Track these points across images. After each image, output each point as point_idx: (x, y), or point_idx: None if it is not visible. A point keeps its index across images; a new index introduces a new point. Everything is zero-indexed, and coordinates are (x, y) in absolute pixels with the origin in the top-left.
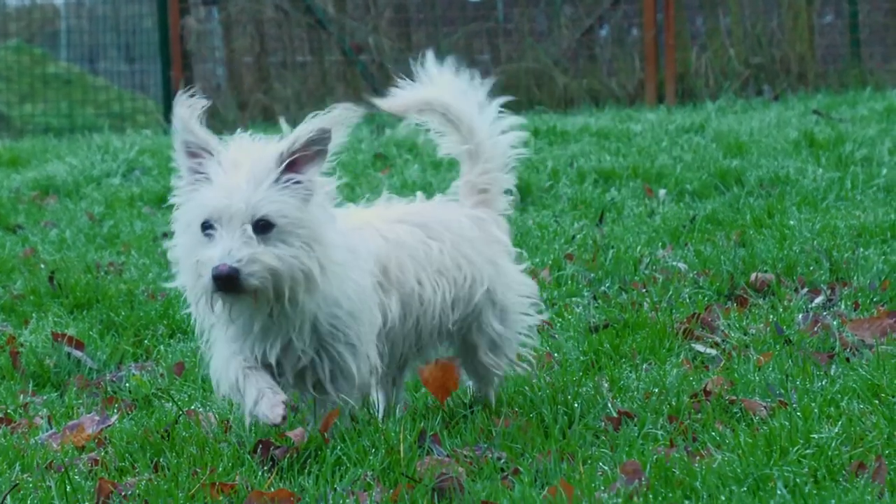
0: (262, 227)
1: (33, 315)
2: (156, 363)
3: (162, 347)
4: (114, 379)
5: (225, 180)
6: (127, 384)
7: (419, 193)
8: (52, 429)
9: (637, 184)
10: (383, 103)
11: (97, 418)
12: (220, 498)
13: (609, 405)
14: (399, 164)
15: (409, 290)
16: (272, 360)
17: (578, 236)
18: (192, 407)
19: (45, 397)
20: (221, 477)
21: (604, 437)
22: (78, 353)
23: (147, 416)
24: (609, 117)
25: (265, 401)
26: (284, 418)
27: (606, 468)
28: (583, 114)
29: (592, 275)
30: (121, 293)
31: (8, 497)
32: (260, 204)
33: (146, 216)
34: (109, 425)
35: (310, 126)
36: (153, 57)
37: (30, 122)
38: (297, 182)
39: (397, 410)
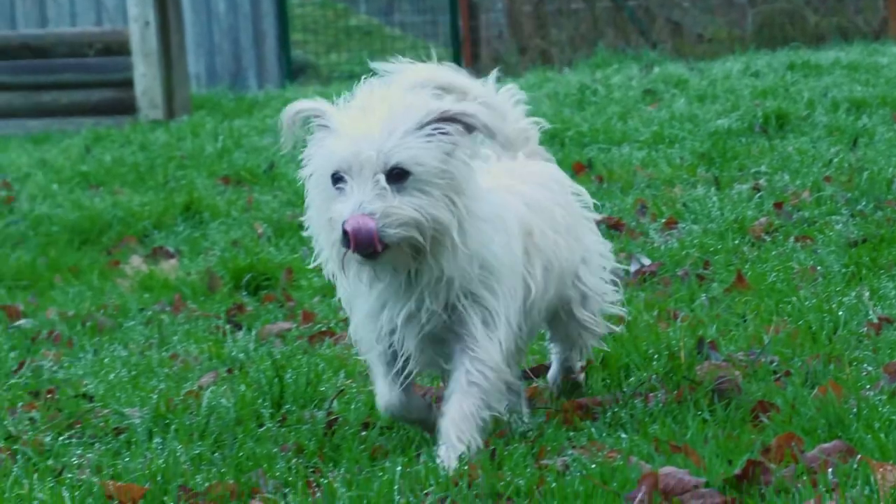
0: (397, 176)
1: None
2: None
3: None
4: None
5: (354, 128)
6: None
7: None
8: None
9: (886, 111)
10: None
11: None
12: None
13: (870, 312)
14: (667, 98)
15: (549, 258)
16: (398, 325)
17: (835, 160)
18: None
19: None
20: None
21: (867, 341)
22: None
23: None
24: (857, 51)
25: (379, 399)
26: (393, 416)
27: (870, 369)
28: (833, 49)
29: (849, 195)
30: None
31: (335, 401)
32: (393, 151)
33: None
34: None
35: (486, 118)
36: (443, 8)
37: (336, 70)
38: (443, 133)
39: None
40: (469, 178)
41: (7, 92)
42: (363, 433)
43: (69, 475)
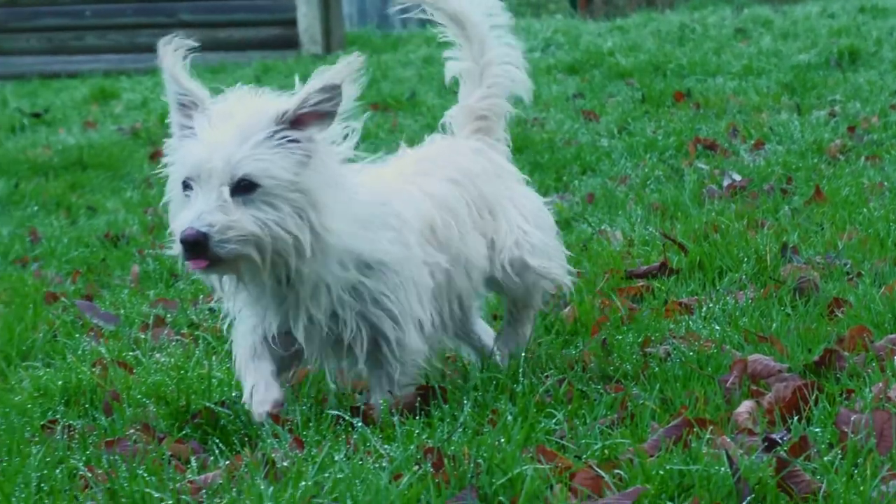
0: (245, 188)
1: None
2: (572, 194)
3: (576, 182)
4: None
5: (209, 135)
6: (552, 210)
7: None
8: None
9: None
10: None
11: None
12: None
13: None
14: (755, 36)
15: (455, 251)
16: (297, 333)
17: None
18: (602, 227)
19: None
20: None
21: None
22: None
23: (567, 234)
24: None
25: (256, 395)
26: (270, 415)
27: None
28: None
29: None
30: (543, 141)
31: None
32: (242, 162)
33: (560, 81)
34: None
35: (319, 82)
36: None
37: None
38: (294, 140)
39: (498, 358)
40: (328, 188)
41: (189, 28)
42: (491, 322)
43: None
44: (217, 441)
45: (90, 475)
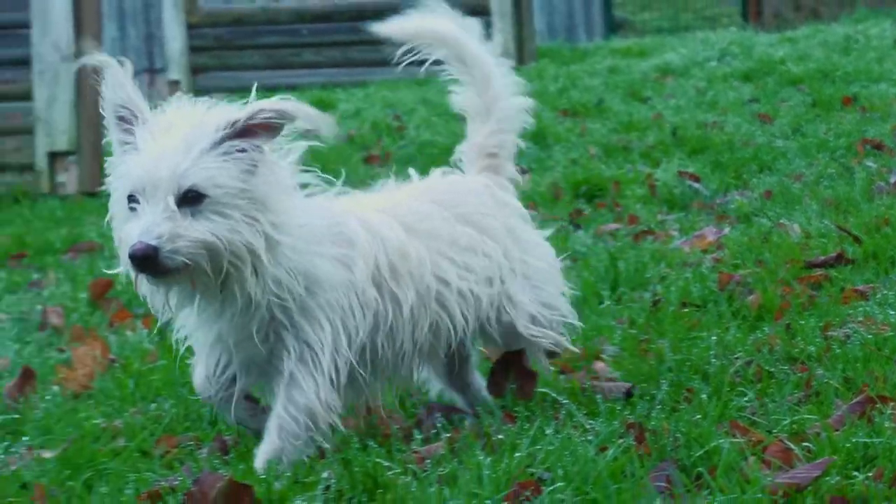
0: (193, 199)
1: (663, 159)
2: (751, 190)
3: (754, 179)
4: (721, 202)
5: (153, 147)
6: (732, 205)
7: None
8: (682, 237)
9: None
10: (384, 28)
11: (714, 229)
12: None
13: None
14: None
15: (425, 287)
16: (231, 344)
17: None
18: (780, 220)
19: (675, 215)
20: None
21: None
22: (695, 185)
23: (748, 228)
24: None
25: (198, 371)
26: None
27: None
28: None
29: None
30: (723, 142)
31: (658, 285)
32: (188, 172)
33: (735, 87)
34: (723, 234)
35: (276, 104)
36: None
37: (647, 25)
38: (241, 150)
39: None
40: (278, 196)
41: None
42: (683, 310)
43: None
44: (440, 416)
45: (327, 447)
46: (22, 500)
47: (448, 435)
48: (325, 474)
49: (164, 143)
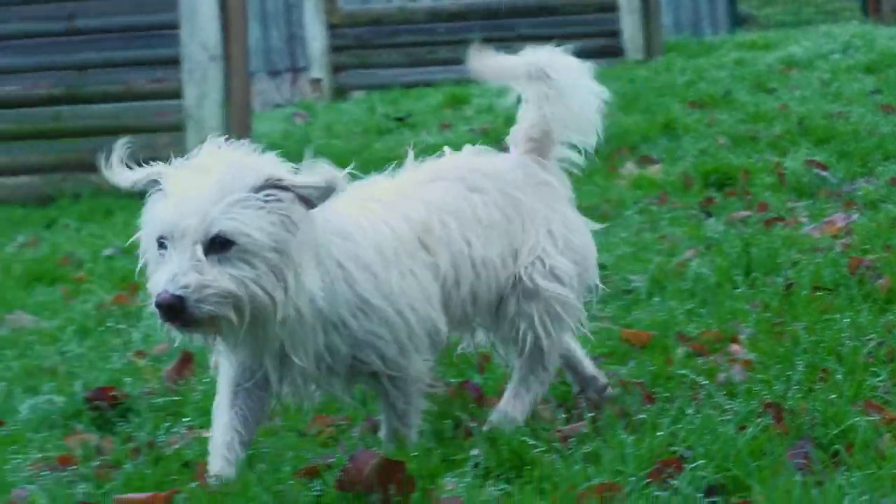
0: (220, 246)
1: (790, 148)
2: (877, 178)
3: (880, 167)
4: (849, 189)
5: (183, 191)
6: (859, 193)
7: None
8: (812, 224)
9: None
10: (477, 64)
11: (843, 216)
12: None
13: None
14: None
15: (456, 250)
16: (274, 381)
17: None
18: None
19: (803, 203)
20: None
21: None
22: (823, 173)
23: (875, 214)
24: None
25: (211, 458)
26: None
27: None
28: None
29: None
30: (848, 132)
31: (791, 269)
32: (217, 219)
33: (859, 79)
34: (852, 220)
35: (321, 176)
36: None
37: (770, 19)
38: (276, 200)
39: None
40: (309, 247)
41: (526, 41)
42: (815, 294)
43: None
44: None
45: (473, 425)
46: (184, 478)
47: (591, 414)
48: (473, 451)
49: (195, 188)
